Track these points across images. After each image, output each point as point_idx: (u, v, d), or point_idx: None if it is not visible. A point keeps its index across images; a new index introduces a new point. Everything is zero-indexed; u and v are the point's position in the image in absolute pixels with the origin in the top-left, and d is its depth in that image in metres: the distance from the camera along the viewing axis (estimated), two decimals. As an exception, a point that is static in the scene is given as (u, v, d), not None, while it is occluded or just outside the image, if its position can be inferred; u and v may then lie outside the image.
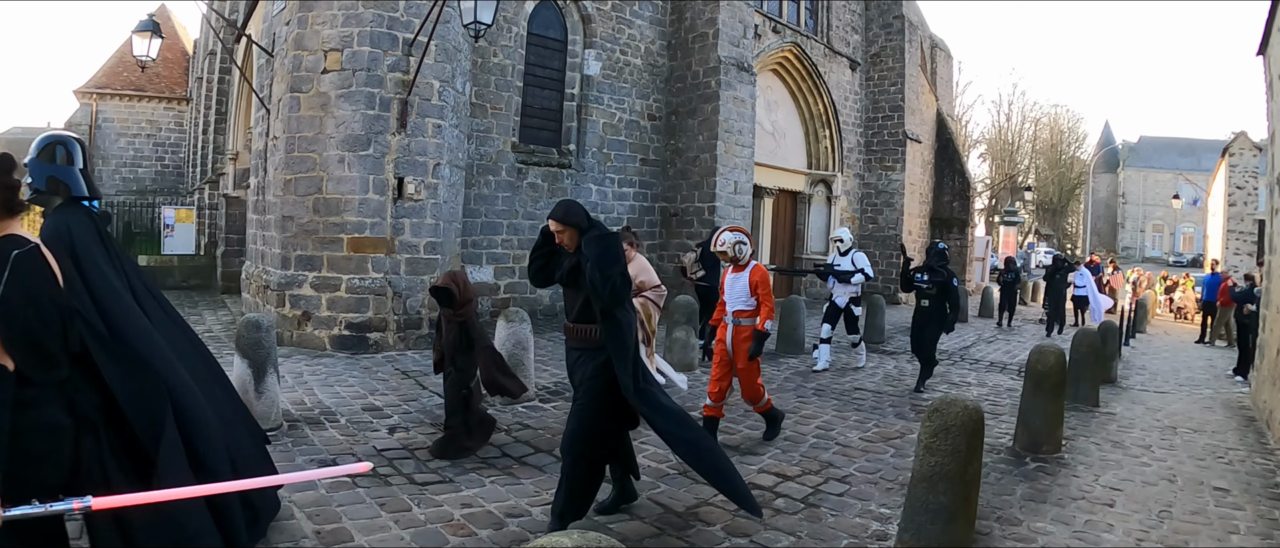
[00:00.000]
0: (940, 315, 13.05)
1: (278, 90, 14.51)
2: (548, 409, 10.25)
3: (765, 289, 8.97)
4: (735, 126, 21.84)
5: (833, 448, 9.05)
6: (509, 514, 6.48)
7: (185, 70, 44.04)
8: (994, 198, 76.64)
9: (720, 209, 21.29)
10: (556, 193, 19.80)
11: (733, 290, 9.17)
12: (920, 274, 13.05)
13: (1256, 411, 12.40)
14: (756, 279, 9.02)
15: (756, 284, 9.01)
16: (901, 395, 12.46)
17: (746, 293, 9.07)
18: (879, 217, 31.64)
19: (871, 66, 32.02)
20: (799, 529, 6.45)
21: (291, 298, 13.81)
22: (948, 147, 37.58)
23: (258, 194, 16.32)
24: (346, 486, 6.89)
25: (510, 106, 18.94)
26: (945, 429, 5.72)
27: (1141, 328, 28.17)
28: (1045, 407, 9.20)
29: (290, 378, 11.25)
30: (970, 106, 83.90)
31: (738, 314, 9.11)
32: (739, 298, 9.10)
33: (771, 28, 26.57)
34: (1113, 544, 6.35)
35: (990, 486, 7.74)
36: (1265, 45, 12.99)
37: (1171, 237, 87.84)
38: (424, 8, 13.87)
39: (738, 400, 11.03)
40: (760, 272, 9.11)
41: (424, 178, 14.26)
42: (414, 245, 14.22)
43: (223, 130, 28.91)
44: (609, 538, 2.59)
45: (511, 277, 19.06)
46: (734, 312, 9.14)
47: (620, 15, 21.46)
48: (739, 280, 9.13)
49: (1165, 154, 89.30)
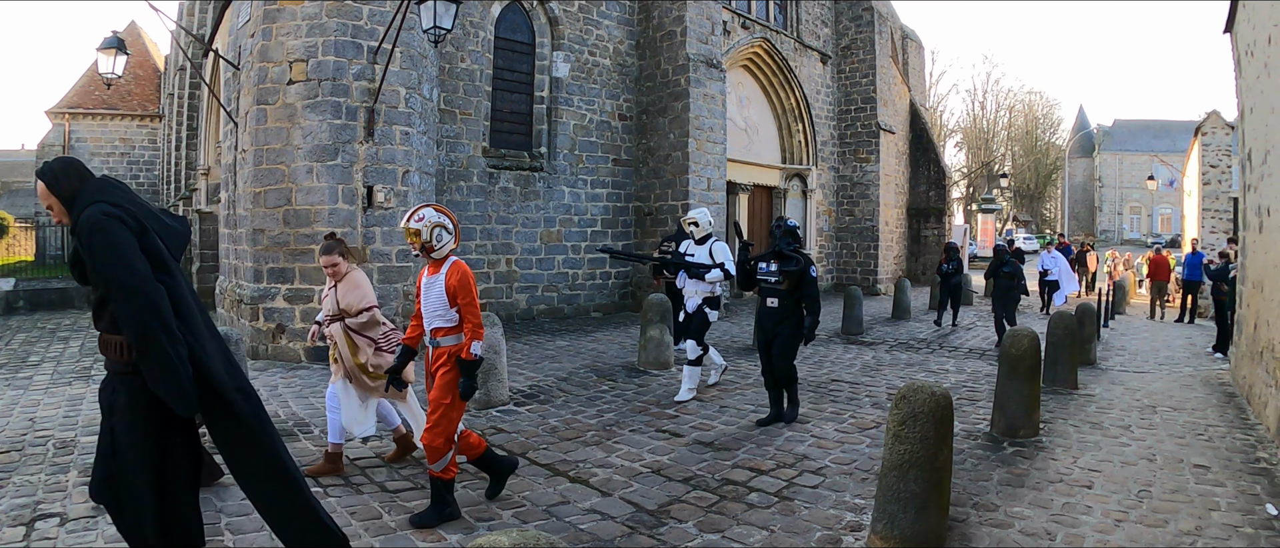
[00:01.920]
0: (795, 318, 9.77)
1: (244, 103, 14.44)
2: (522, 413, 10.21)
3: (468, 297, 6.49)
4: (706, 123, 21.86)
5: (808, 441, 9.02)
6: (479, 519, 6.45)
7: (157, 87, 43.82)
8: (971, 186, 76.99)
9: (693, 206, 21.25)
10: (529, 197, 19.80)
11: (428, 298, 6.61)
12: (765, 264, 9.92)
13: (1237, 386, 12.44)
14: (454, 283, 6.49)
15: (455, 290, 6.49)
16: (879, 386, 12.39)
17: (444, 303, 6.51)
18: (855, 208, 31.75)
19: (842, 59, 32.12)
20: (772, 523, 6.44)
21: (265, 311, 13.73)
22: (922, 136, 37.72)
23: (228, 208, 16.25)
24: (318, 496, 6.85)
25: (480, 111, 18.92)
26: (913, 416, 5.72)
27: (1121, 309, 28.24)
28: (1021, 391, 9.20)
29: (265, 390, 11.16)
30: (945, 96, 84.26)
31: (436, 332, 6.57)
32: (435, 310, 6.55)
33: (741, 24, 26.61)
34: (1091, 525, 6.35)
35: (967, 472, 7.76)
36: (1232, 23, 13.05)
37: (1149, 218, 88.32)
38: (388, 15, 13.83)
39: (715, 397, 11.06)
40: (460, 272, 6.57)
41: (393, 186, 14.21)
42: (386, 254, 14.17)
43: (194, 146, 28.80)
44: (549, 537, 2.58)
45: (487, 282, 19.01)
46: (432, 330, 6.61)
47: (588, 16, 21.45)
48: (434, 285, 6.57)
49: (1140, 137, 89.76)
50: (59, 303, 22.67)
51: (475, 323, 6.44)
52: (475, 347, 6.43)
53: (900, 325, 21.08)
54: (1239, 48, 12.44)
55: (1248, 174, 11.98)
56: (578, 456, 8.29)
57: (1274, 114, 8.97)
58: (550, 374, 12.87)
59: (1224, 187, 31.34)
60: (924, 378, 9.74)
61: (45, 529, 6.09)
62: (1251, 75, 11.12)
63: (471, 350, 6.38)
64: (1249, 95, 11.60)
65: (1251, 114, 11.37)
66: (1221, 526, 6.35)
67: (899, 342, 17.76)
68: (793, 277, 9.74)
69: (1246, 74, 11.75)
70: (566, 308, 20.99)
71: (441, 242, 6.64)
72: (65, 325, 19.17)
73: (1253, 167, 11.38)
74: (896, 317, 22.52)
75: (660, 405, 10.71)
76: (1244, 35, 11.77)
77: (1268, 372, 9.50)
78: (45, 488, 7.03)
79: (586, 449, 8.54)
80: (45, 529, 6.09)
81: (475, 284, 6.63)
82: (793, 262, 9.74)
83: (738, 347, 16.24)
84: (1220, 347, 17.07)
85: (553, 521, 6.45)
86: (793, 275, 9.73)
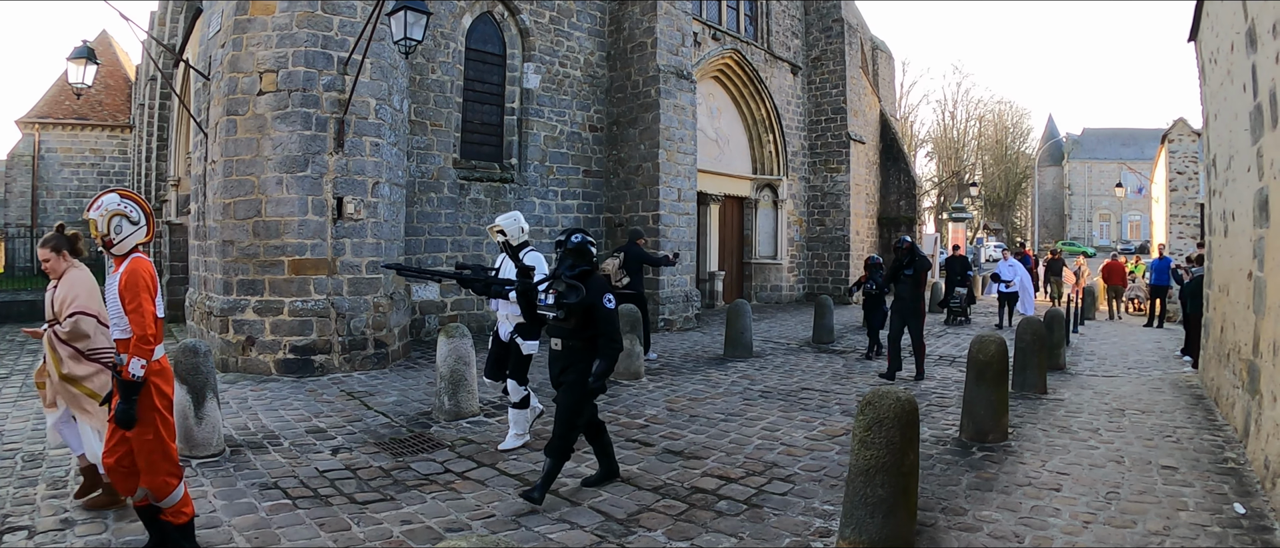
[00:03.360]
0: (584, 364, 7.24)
1: (214, 114, 14.36)
2: (493, 423, 10.19)
3: (134, 301, 5.39)
4: (677, 134, 21.89)
5: (778, 448, 9.05)
6: (449, 528, 6.45)
7: (128, 97, 43.37)
8: (942, 195, 77.22)
9: (664, 217, 21.35)
10: (500, 208, 19.72)
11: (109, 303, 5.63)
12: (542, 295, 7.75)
13: (1205, 388, 12.56)
14: (122, 284, 5.45)
15: (122, 292, 5.45)
16: (849, 393, 12.42)
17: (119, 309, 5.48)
18: (826, 218, 31.84)
19: (813, 70, 32.24)
20: (742, 530, 6.47)
21: (235, 323, 13.64)
22: (892, 146, 37.85)
23: (198, 220, 16.13)
24: (287, 507, 6.86)
25: (450, 122, 18.86)
26: (879, 422, 5.76)
27: (1090, 315, 28.43)
28: (989, 396, 9.29)
29: (234, 403, 11.11)
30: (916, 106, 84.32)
31: (119, 345, 5.53)
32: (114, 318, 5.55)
33: (711, 35, 26.67)
34: (1059, 527, 6.40)
35: (935, 477, 7.81)
36: (1196, 31, 13.17)
37: (1119, 225, 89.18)
38: (358, 25, 13.81)
39: (685, 406, 11.09)
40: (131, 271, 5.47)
41: (363, 197, 14.17)
42: (356, 265, 14.12)
43: (165, 157, 28.57)
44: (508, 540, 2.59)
45: (458, 293, 18.95)
46: (114, 341, 5.64)
47: (559, 27, 21.44)
48: (112, 287, 5.55)
49: (1108, 145, 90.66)
50: (28, 315, 22.47)
51: (140, 335, 5.29)
52: (135, 365, 5.25)
53: (871, 334, 21.12)
54: (1203, 55, 12.55)
55: (1213, 180, 12.10)
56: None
57: (1237, 120, 9.06)
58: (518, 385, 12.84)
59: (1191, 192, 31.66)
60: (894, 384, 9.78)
61: (14, 542, 6.04)
62: (1215, 82, 11.22)
63: (130, 370, 5.22)
64: (1213, 102, 11.71)
65: (1216, 120, 11.48)
66: (1189, 525, 6.40)
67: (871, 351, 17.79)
68: (575, 311, 7.20)
69: (1210, 81, 11.86)
70: (538, 319, 20.83)
71: (122, 234, 5.59)
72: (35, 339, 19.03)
73: (1217, 172, 11.49)
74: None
75: (630, 416, 10.72)
76: (1208, 43, 11.88)
77: (1234, 373, 9.59)
78: (13, 501, 6.98)
79: (555, 459, 8.53)
80: (14, 542, 6.04)
81: (152, 285, 5.49)
82: (574, 291, 7.14)
83: (708, 356, 16.27)
84: (1188, 350, 17.18)
85: (522, 531, 6.43)
86: (575, 311, 7.19)
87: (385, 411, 10.82)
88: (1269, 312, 7.46)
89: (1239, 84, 8.81)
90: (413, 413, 10.73)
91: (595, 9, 22.63)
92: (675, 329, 21.33)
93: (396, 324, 14.94)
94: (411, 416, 10.59)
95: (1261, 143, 7.57)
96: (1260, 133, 7.59)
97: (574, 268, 7.43)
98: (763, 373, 14.34)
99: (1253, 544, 5.99)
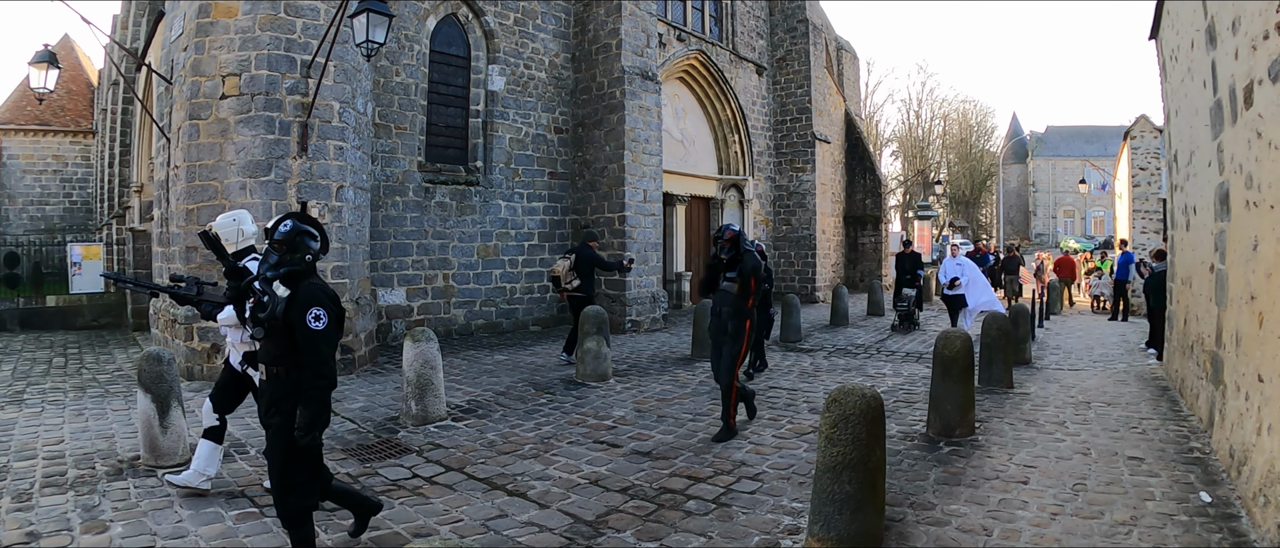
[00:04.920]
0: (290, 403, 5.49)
1: (177, 118, 14.21)
2: (460, 428, 10.14)
3: None
4: (642, 136, 21.90)
5: (746, 447, 9.07)
6: (417, 534, 6.42)
7: (91, 102, 42.88)
8: (908, 194, 77.62)
9: (630, 218, 21.34)
10: (465, 211, 19.70)
11: None
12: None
13: (1170, 380, 12.68)
14: None
15: None
16: (817, 391, 12.42)
17: None
18: (792, 218, 31.94)
19: (778, 70, 32.34)
20: (710, 530, 6.48)
21: (199, 330, 13.48)
22: (858, 145, 38.06)
23: (161, 226, 15.98)
24: (254, 515, 6.81)
25: (415, 125, 18.78)
26: (845, 419, 5.78)
27: (1055, 310, 28.63)
28: (955, 391, 9.35)
29: (200, 412, 11.03)
30: (881, 106, 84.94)
31: None
32: None
33: (676, 36, 26.68)
34: (1027, 520, 6.45)
35: (903, 472, 7.85)
36: (1157, 29, 13.30)
37: (1083, 221, 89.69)
38: (321, 28, 13.71)
39: (653, 407, 11.09)
40: None
41: (328, 201, 14.07)
42: (320, 270, 13.95)
43: (128, 163, 28.33)
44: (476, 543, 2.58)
45: (424, 298, 18.90)
46: None
47: (523, 29, 21.40)
48: None
49: (1072, 142, 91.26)
50: None
51: None
52: None
53: (838, 332, 21.19)
54: (1164, 53, 12.65)
55: (1175, 175, 12.20)
56: (516, 469, 8.26)
57: (1198, 116, 9.14)
58: (488, 389, 12.81)
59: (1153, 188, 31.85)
60: (861, 382, 9.77)
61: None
62: (1176, 79, 11.31)
63: None
64: (1174, 99, 11.80)
65: (1177, 117, 11.58)
66: (1156, 515, 6.47)
67: (837, 348, 17.84)
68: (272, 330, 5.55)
69: (1171, 78, 11.95)
70: (505, 322, 20.89)
71: None
72: (-7, 349, 18.84)
73: (1179, 167, 11.58)
74: (834, 323, 22.66)
75: (598, 417, 10.70)
76: (1168, 41, 11.97)
77: (1198, 365, 9.68)
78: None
79: (524, 462, 8.52)
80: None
81: None
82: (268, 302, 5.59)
83: (675, 356, 16.28)
84: (1153, 342, 17.28)
85: (491, 534, 6.40)
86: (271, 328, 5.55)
87: (352, 417, 10.75)
88: (1231, 304, 7.53)
89: (1199, 80, 8.88)
90: (380, 419, 10.66)
91: (560, 11, 22.59)
92: (642, 330, 21.31)
93: (362, 330, 14.85)
94: (378, 421, 10.52)
95: (1222, 138, 7.63)
96: (1221, 128, 7.65)
97: (279, 267, 5.59)
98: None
99: (1219, 532, 6.04)
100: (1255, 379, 6.40)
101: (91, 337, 20.60)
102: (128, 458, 8.59)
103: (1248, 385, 6.70)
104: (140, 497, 7.27)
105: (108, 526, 6.53)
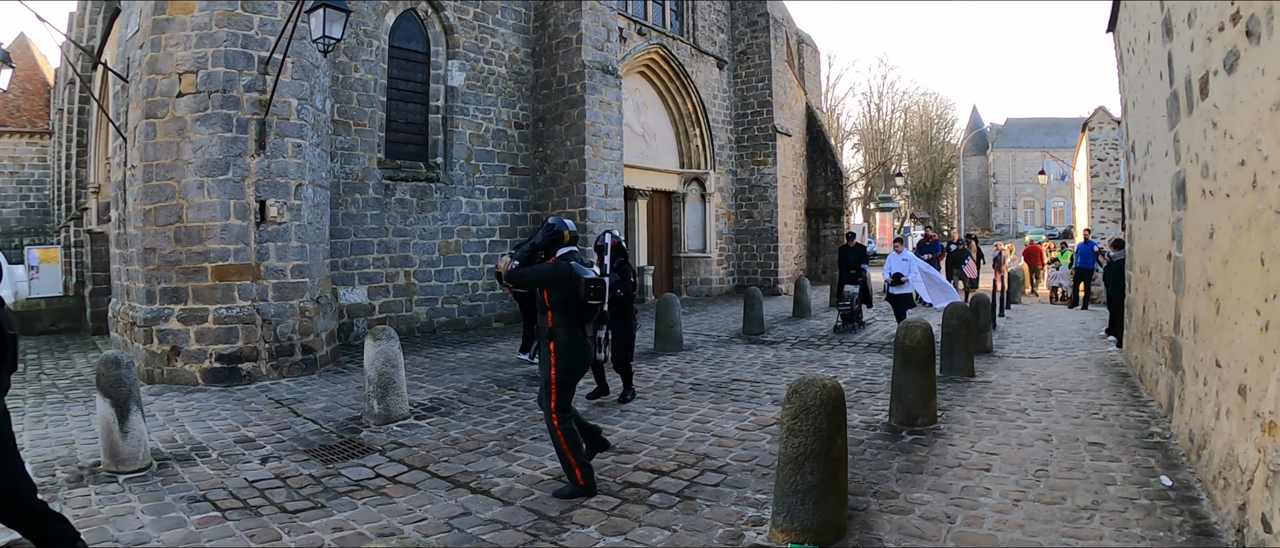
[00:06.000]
0: None
1: (133, 117, 14.04)
2: (423, 426, 10.10)
3: None
4: (603, 130, 21.89)
5: (709, 440, 9.08)
6: (381, 534, 6.38)
7: (47, 102, 42.30)
8: (869, 186, 78.03)
9: (592, 213, 21.35)
10: (426, 208, 19.61)
11: None
12: None
13: (1130, 366, 12.83)
14: None
15: None
16: (780, 383, 12.43)
17: None
18: (754, 211, 31.98)
19: (739, 64, 32.38)
20: (675, 522, 6.48)
21: (159, 333, 13.34)
22: (819, 138, 38.16)
23: (119, 227, 15.80)
24: (216, 520, 6.74)
25: (375, 122, 18.66)
26: (805, 410, 5.81)
27: (1016, 299, 28.83)
28: (917, 381, 9.39)
29: (161, 416, 10.87)
30: (842, 99, 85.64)
31: None
32: None
33: (637, 30, 26.68)
34: (990, 506, 6.49)
35: (866, 461, 7.89)
36: (1114, 22, 13.43)
37: (1043, 211, 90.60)
38: (279, 24, 13.60)
39: (614, 402, 11.08)
40: None
41: (287, 199, 13.97)
42: (281, 270, 13.91)
43: (85, 163, 28.03)
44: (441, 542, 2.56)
45: (386, 295, 18.80)
46: None
47: (483, 24, 21.31)
48: None
49: (1032, 133, 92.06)
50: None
51: None
52: None
53: (801, 324, 21.25)
54: (1121, 46, 12.78)
55: (1132, 165, 12.32)
56: (479, 466, 8.24)
57: (1155, 107, 9.22)
58: (451, 386, 12.76)
59: (1112, 179, 32.11)
60: (824, 373, 9.77)
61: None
62: (1133, 71, 11.41)
63: None
64: (1131, 90, 11.92)
65: (1134, 108, 11.69)
66: (1118, 499, 6.54)
67: (800, 340, 17.90)
68: None
69: (1129, 70, 12.06)
70: (467, 319, 20.82)
71: None
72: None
73: (1136, 158, 11.70)
74: (797, 315, 22.74)
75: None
76: (1125, 33, 12.09)
77: (1157, 351, 9.78)
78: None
79: (488, 459, 8.48)
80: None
81: None
82: None
83: (638, 351, 16.25)
84: (1113, 329, 17.39)
85: (454, 533, 6.38)
86: None
87: (314, 417, 10.67)
88: (1188, 291, 7.60)
89: (1156, 72, 8.96)
90: (342, 418, 10.58)
91: (520, 5, 22.54)
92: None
93: (324, 329, 14.75)
94: (341, 421, 10.44)
95: (1178, 128, 7.70)
96: (1177, 119, 7.72)
97: None
98: (693, 366, 14.36)
99: (1181, 515, 6.11)
100: (1213, 364, 6.46)
101: (51, 342, 20.37)
102: (88, 464, 8.48)
103: (1206, 371, 6.77)
104: (102, 503, 7.18)
105: (68, 532, 6.43)
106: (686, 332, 18.28)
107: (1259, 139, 5.00)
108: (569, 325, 7.23)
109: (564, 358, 7.21)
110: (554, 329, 7.21)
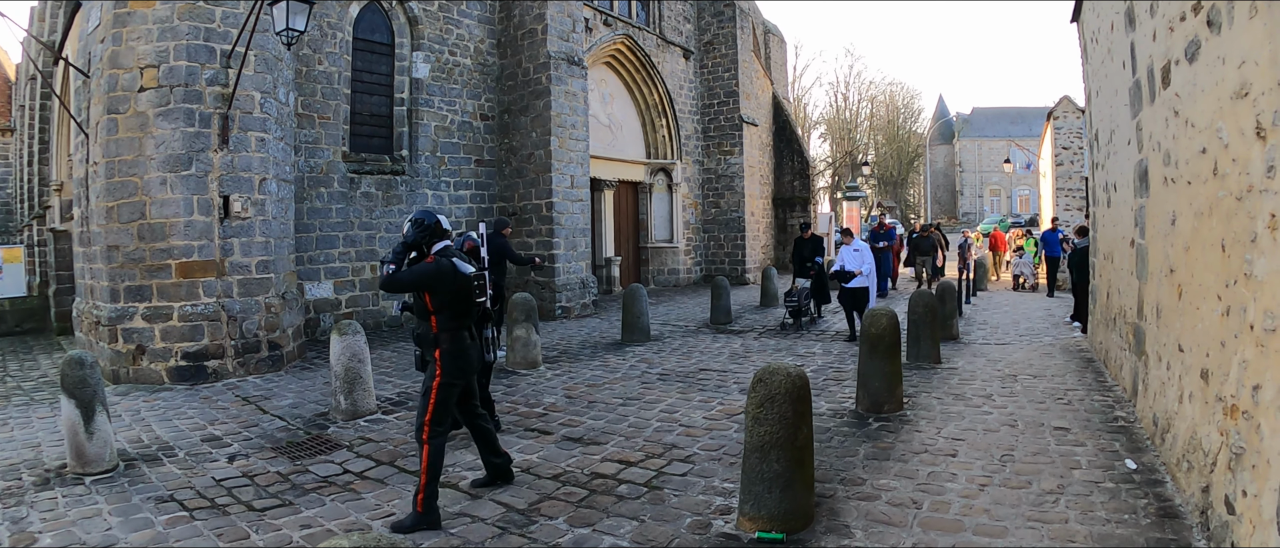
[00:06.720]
0: None
1: (95, 113, 13.88)
2: (391, 421, 10.08)
3: None
4: (568, 121, 21.84)
5: (677, 430, 9.12)
6: (349, 530, 6.37)
7: (9, 99, 41.81)
8: (836, 175, 78.24)
9: (558, 205, 21.30)
10: (392, 201, 19.51)
11: None
12: None
13: (1094, 352, 12.95)
14: None
15: None
16: (747, 372, 12.44)
17: None
18: (721, 200, 32.03)
19: (705, 54, 32.39)
20: (643, 513, 6.51)
21: (124, 332, 13.21)
22: (785, 128, 38.19)
23: (82, 225, 15.63)
24: (184, 520, 6.70)
25: (339, 115, 18.53)
26: (770, 399, 5.83)
27: (983, 286, 28.97)
28: (882, 368, 9.48)
29: (127, 416, 10.80)
30: (809, 89, 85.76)
31: None
32: None
33: (603, 21, 26.62)
34: (956, 491, 6.55)
35: (833, 449, 7.95)
36: (1078, 12, 13.59)
37: (1009, 200, 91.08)
38: (241, 17, 13.45)
39: (584, 393, 11.08)
40: None
41: (251, 194, 13.85)
42: (245, 266, 13.80)
43: (47, 160, 27.75)
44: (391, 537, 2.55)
45: (352, 290, 18.70)
46: None
47: (448, 15, 21.21)
48: None
49: (997, 123, 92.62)
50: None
51: None
52: None
53: (768, 313, 21.35)
54: (1085, 36, 12.90)
55: (1096, 153, 12.43)
56: (447, 460, 8.16)
57: (1118, 96, 9.30)
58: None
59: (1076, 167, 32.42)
60: (791, 362, 9.77)
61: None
62: (1097, 61, 11.51)
63: None
64: (1095, 80, 12.02)
65: (1098, 97, 11.78)
66: (1083, 482, 6.63)
67: (767, 329, 17.96)
68: None
69: (1092, 60, 12.16)
70: (436, 312, 20.62)
71: None
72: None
73: (1100, 146, 11.79)
74: (764, 304, 22.88)
75: (529, 405, 10.68)
76: (1089, 23, 12.20)
77: (1121, 336, 9.88)
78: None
79: (455, 453, 8.45)
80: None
81: None
82: None
83: (606, 342, 16.27)
84: (1077, 315, 17.49)
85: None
86: None
87: (281, 414, 10.62)
88: (1151, 277, 7.67)
89: (1119, 62, 9.04)
90: (310, 415, 10.55)
91: (485, -4, 22.42)
92: (573, 316, 21.31)
93: (290, 324, 14.67)
94: (308, 417, 10.41)
95: (1140, 117, 7.76)
96: (1139, 107, 7.79)
97: None
98: (661, 356, 14.40)
99: (1145, 498, 6.19)
100: (1176, 349, 6.52)
101: (15, 343, 20.22)
102: (55, 467, 8.41)
103: (1169, 355, 6.83)
104: (68, 506, 7.12)
105: (36, 537, 6.39)
106: (654, 322, 18.32)
107: (1219, 127, 5.04)
108: (454, 329, 6.72)
109: (450, 365, 6.64)
110: (439, 335, 6.68)
